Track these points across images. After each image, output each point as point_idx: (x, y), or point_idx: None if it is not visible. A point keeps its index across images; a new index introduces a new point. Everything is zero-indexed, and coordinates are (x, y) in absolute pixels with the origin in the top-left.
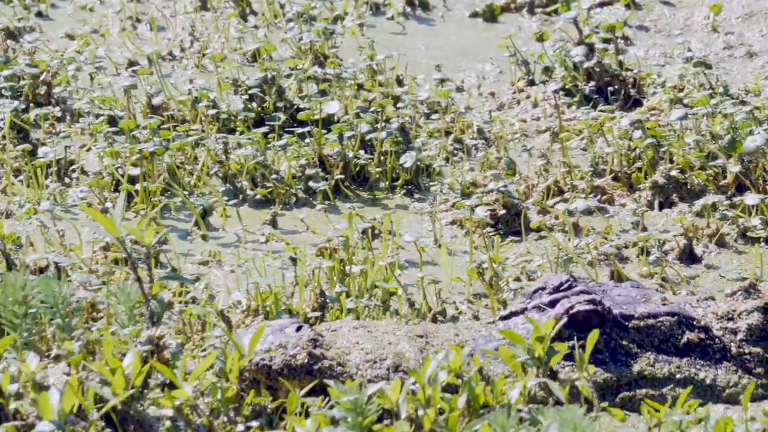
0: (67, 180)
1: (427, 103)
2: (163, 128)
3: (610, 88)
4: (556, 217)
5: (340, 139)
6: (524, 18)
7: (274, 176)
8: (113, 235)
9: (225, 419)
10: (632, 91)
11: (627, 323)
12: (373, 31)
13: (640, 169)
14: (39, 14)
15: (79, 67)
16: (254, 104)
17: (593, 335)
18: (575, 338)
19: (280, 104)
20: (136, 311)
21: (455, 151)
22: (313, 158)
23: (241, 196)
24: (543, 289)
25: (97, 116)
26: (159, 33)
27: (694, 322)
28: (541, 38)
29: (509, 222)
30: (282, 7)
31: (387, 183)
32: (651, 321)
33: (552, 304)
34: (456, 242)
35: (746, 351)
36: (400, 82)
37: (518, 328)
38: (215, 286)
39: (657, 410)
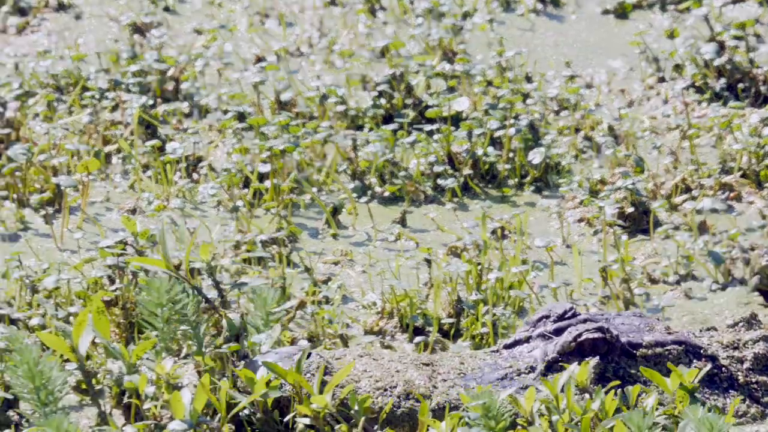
0: (195, 177)
1: (557, 99)
2: (291, 125)
3: (741, 86)
4: (684, 215)
5: (468, 136)
6: (655, 15)
7: (402, 173)
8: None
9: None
10: (763, 89)
11: (635, 351)
12: (502, 28)
13: None
14: (166, 9)
15: (206, 63)
16: (383, 101)
17: (593, 361)
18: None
19: (408, 101)
20: (272, 317)
21: (584, 149)
22: (441, 155)
23: (369, 193)
24: (547, 317)
25: (225, 112)
26: (287, 29)
27: (701, 351)
28: (672, 35)
29: (637, 220)
30: (411, 2)
31: (516, 180)
32: (659, 350)
33: (557, 332)
34: (583, 241)
35: (753, 380)
36: (529, 79)
37: (523, 357)
38: (348, 286)
39: None
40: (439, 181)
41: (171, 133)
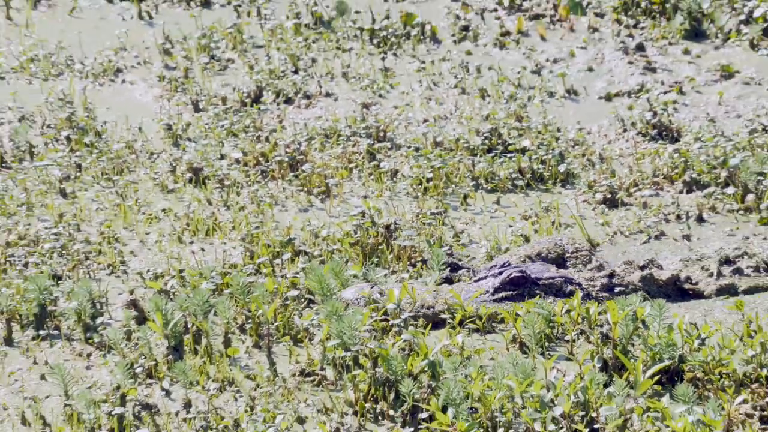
0: (394, 180)
1: (573, 140)
2: (443, 153)
3: (664, 133)
4: (635, 199)
5: (529, 159)
6: (624, 99)
7: (497, 178)
8: None
9: None
10: (676, 135)
11: (539, 282)
12: (547, 104)
13: None
14: (380, 95)
15: (402, 122)
16: (486, 141)
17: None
18: (512, 290)
19: (499, 141)
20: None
21: (586, 165)
22: (515, 168)
23: (481, 187)
24: (494, 265)
25: (408, 147)
26: (439, 105)
27: (573, 281)
28: (630, 108)
29: (612, 201)
30: (502, 92)
31: (552, 181)
32: (551, 281)
33: (500, 273)
34: (586, 212)
35: (600, 292)
36: (559, 129)
37: (483, 285)
38: (472, 234)
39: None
40: (516, 182)
41: (381, 157)
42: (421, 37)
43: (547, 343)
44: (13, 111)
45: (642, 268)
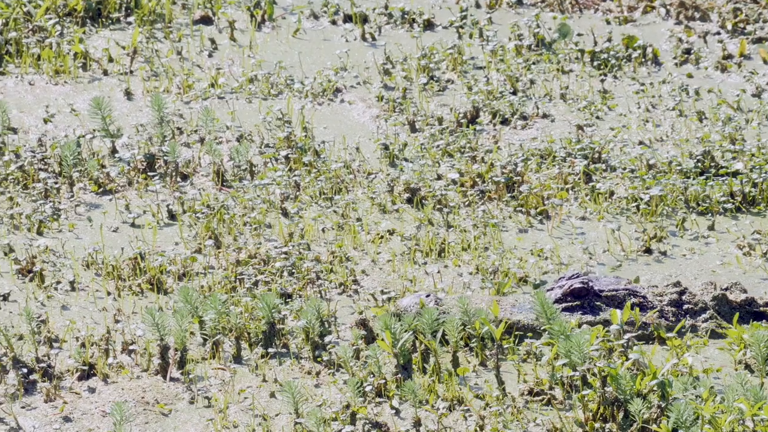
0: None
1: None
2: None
3: None
4: None
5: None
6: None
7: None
8: None
9: None
10: None
11: (601, 294)
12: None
13: None
14: (543, 116)
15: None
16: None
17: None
18: (573, 301)
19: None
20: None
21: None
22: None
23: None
24: (563, 277)
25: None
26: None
27: (639, 293)
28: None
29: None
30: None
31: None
32: (614, 293)
33: (564, 284)
34: None
35: (666, 306)
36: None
37: (551, 295)
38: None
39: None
40: (725, 206)
41: (597, 178)
42: (642, 60)
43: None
44: (231, 130)
45: (725, 289)
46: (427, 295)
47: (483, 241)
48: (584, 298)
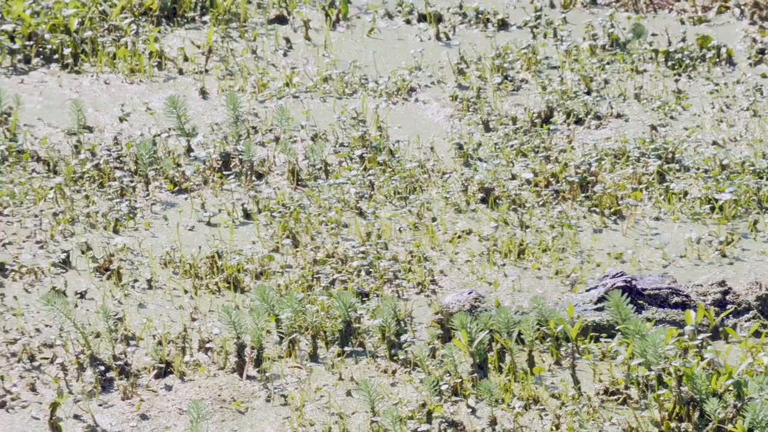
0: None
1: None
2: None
3: None
4: None
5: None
6: None
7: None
8: None
9: None
10: None
11: (643, 292)
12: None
13: None
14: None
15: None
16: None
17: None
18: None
19: None
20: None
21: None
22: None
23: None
24: (606, 275)
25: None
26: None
27: (680, 292)
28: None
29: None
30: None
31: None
32: (656, 291)
33: (607, 283)
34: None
35: (710, 306)
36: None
37: (592, 294)
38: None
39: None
40: None
41: (671, 178)
42: (717, 60)
43: None
44: (306, 129)
45: None
46: (470, 292)
47: (561, 242)
48: (627, 297)
